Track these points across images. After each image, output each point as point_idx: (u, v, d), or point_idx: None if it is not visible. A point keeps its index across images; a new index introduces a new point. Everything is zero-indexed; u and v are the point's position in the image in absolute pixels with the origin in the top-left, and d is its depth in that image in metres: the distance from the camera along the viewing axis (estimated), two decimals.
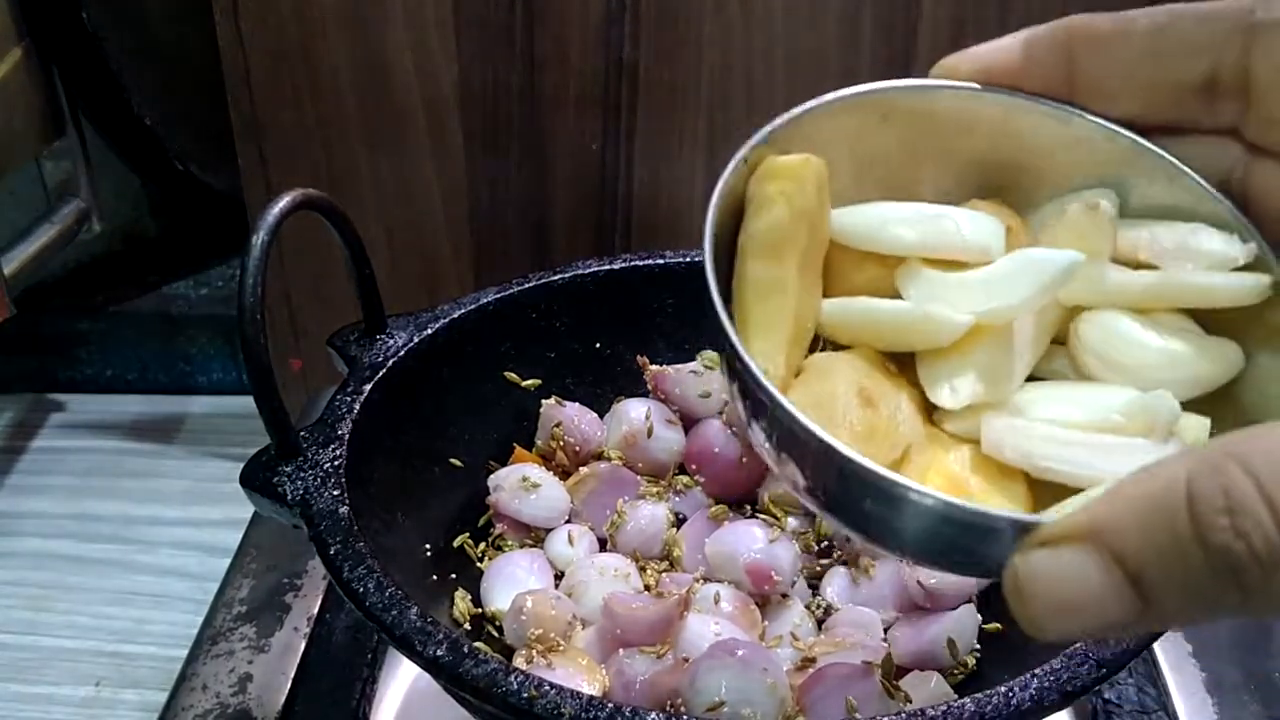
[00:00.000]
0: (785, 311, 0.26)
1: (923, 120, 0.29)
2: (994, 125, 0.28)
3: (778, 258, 0.27)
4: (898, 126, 0.29)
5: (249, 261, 0.40)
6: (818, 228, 0.27)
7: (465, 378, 0.51)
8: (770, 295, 0.26)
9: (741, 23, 0.65)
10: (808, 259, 0.27)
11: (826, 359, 0.27)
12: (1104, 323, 0.26)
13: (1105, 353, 0.26)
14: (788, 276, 0.26)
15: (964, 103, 0.28)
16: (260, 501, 0.42)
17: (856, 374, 0.26)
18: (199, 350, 0.86)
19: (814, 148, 0.28)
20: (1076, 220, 0.27)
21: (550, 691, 0.34)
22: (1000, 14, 0.64)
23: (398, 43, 0.67)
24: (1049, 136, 0.28)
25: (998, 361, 0.26)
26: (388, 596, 0.37)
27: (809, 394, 0.26)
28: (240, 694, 0.51)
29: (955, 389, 0.26)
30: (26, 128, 0.70)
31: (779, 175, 0.27)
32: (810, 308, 0.27)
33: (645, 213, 0.71)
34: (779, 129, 0.28)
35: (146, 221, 0.86)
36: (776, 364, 0.26)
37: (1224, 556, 0.19)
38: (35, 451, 0.80)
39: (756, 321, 0.26)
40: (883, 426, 0.25)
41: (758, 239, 0.27)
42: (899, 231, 0.27)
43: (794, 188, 0.27)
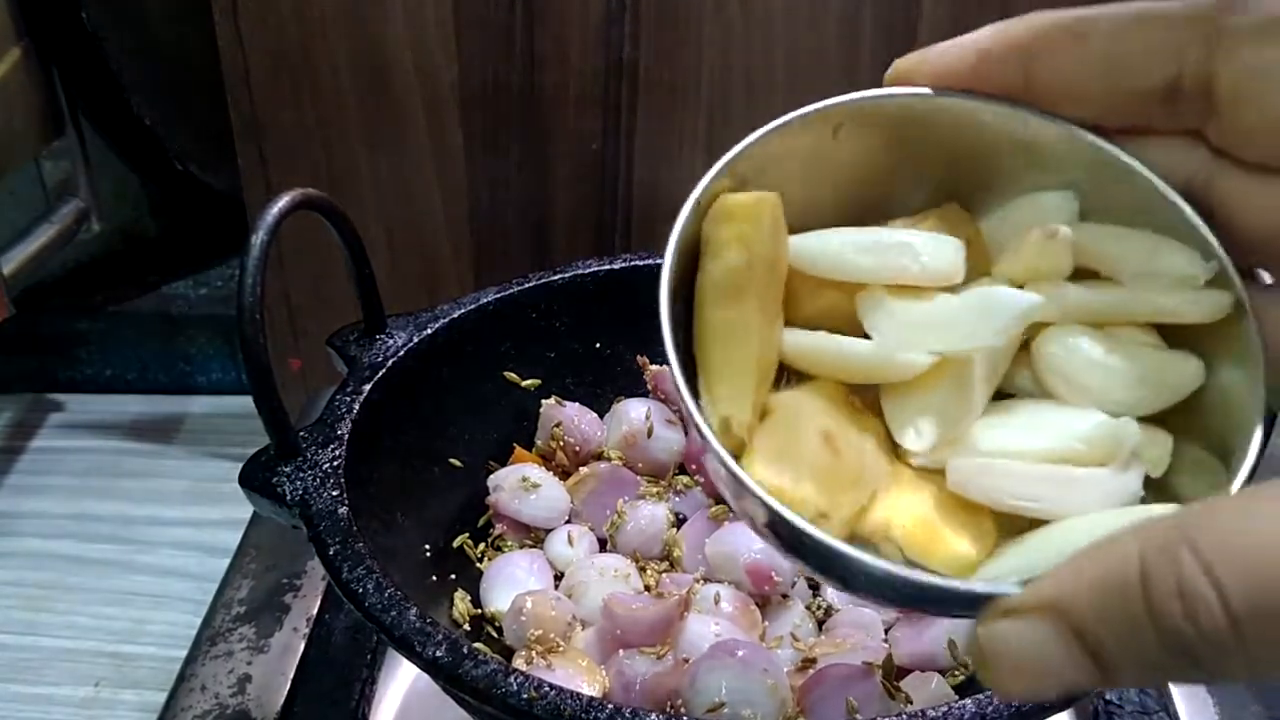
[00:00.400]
0: (748, 355, 0.26)
1: (876, 130, 0.28)
2: (950, 130, 0.28)
3: (737, 301, 0.26)
4: (851, 139, 0.28)
5: (248, 261, 0.40)
6: (776, 264, 0.27)
7: (465, 378, 0.51)
8: (731, 340, 0.26)
9: (741, 23, 0.65)
10: (767, 296, 0.27)
11: (791, 399, 0.27)
12: (1065, 341, 0.26)
13: (1067, 372, 0.26)
14: (749, 319, 0.26)
15: (917, 109, 0.28)
16: (259, 502, 0.42)
17: (821, 416, 0.26)
18: (198, 350, 0.86)
19: (768, 174, 0.28)
20: (1035, 247, 0.27)
21: (550, 692, 0.34)
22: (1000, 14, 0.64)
23: (398, 42, 0.67)
24: (1006, 138, 0.28)
25: (960, 395, 0.26)
26: (387, 597, 0.37)
27: (773, 441, 0.26)
28: (239, 694, 0.51)
29: (920, 432, 0.26)
30: (26, 127, 0.70)
31: (733, 217, 0.27)
32: (772, 343, 0.27)
33: (645, 213, 0.71)
34: (730, 163, 0.27)
35: (146, 221, 0.86)
36: (741, 409, 0.26)
37: (1176, 637, 0.19)
38: (35, 451, 0.80)
39: (719, 367, 0.26)
40: (848, 474, 0.25)
41: (716, 283, 0.26)
42: (857, 260, 0.27)
43: (749, 229, 0.26)
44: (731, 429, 0.25)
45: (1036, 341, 0.26)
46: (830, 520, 0.25)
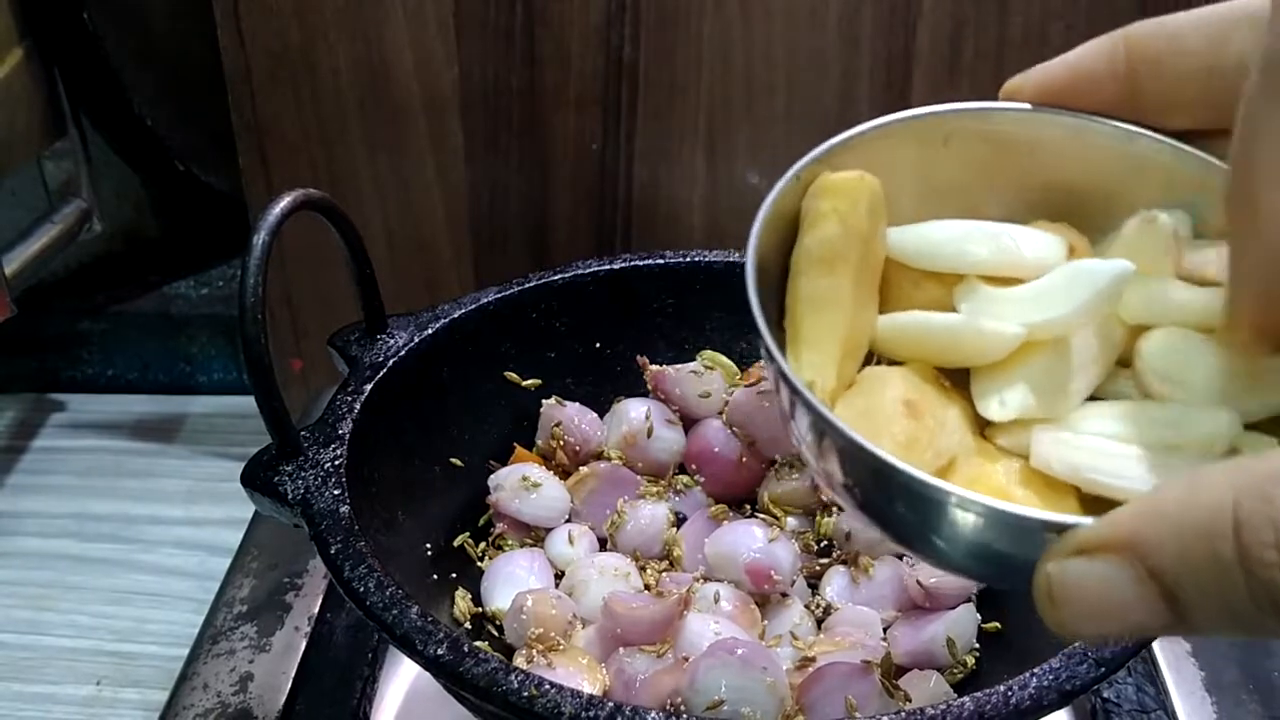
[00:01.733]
0: (837, 324, 0.26)
1: (985, 143, 0.28)
2: (1058, 148, 0.28)
3: (830, 271, 0.27)
4: (959, 149, 0.28)
5: (250, 261, 0.40)
6: (872, 245, 0.27)
7: (466, 378, 0.51)
8: (822, 308, 0.26)
9: (741, 23, 0.65)
10: (862, 275, 0.27)
11: (879, 372, 0.27)
12: (1168, 340, 0.25)
13: (1168, 371, 0.25)
14: (841, 290, 0.26)
15: (1026, 126, 0.28)
16: (261, 501, 0.42)
17: (906, 386, 0.26)
18: (200, 350, 0.86)
19: (872, 169, 0.28)
20: (1134, 236, 0.26)
21: (550, 690, 0.34)
22: (1000, 14, 0.64)
23: (398, 43, 0.67)
24: (1114, 158, 0.28)
25: (1052, 377, 0.25)
26: (388, 596, 0.37)
27: (856, 405, 0.26)
28: (241, 693, 0.51)
29: (1004, 401, 0.25)
30: (28, 128, 0.70)
31: (832, 192, 0.27)
32: (865, 323, 0.27)
33: (645, 213, 0.71)
34: (835, 148, 0.28)
35: (148, 221, 0.86)
36: (826, 375, 0.26)
37: (1268, 589, 0.18)
38: (36, 451, 0.80)
39: (808, 334, 0.26)
40: (925, 437, 0.25)
41: (810, 253, 0.27)
42: (958, 248, 0.27)
43: (847, 204, 0.27)
44: (815, 393, 0.25)
45: (1139, 342, 0.26)
46: None
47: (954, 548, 0.24)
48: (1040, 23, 0.63)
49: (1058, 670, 0.34)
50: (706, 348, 0.55)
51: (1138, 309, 0.26)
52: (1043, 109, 0.28)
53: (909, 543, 0.25)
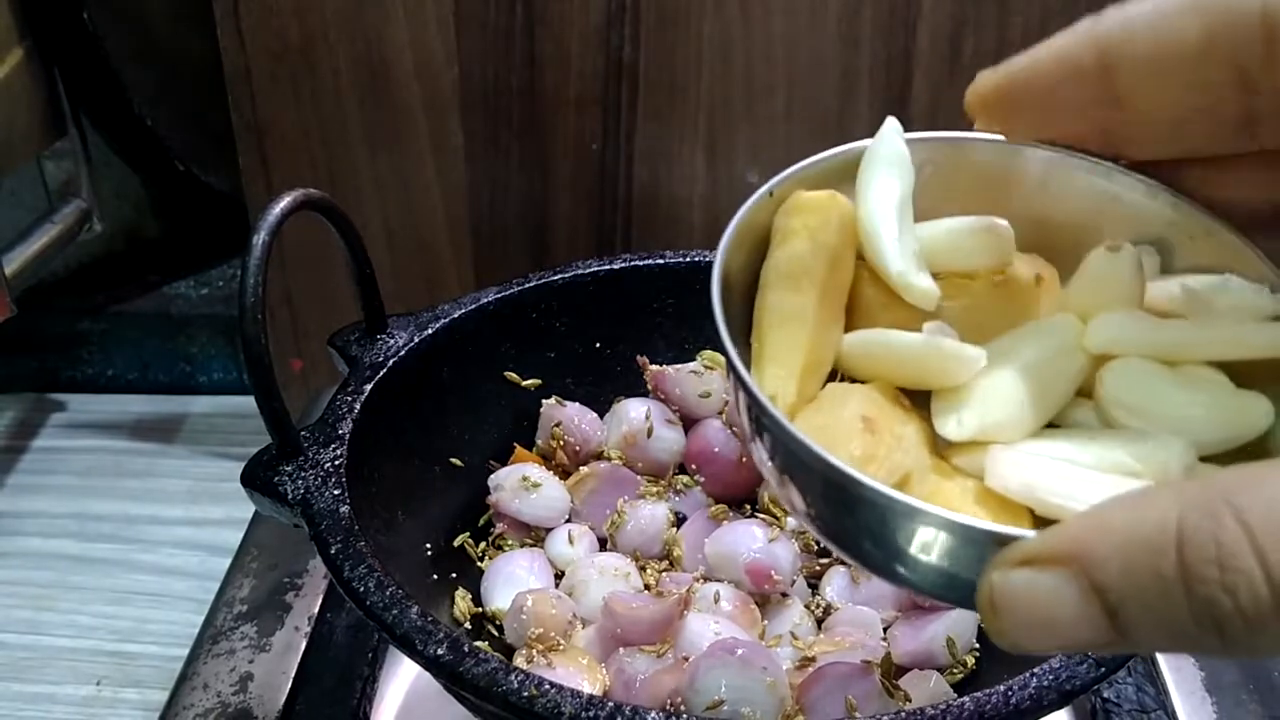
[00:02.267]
0: (800, 340, 0.27)
1: (961, 172, 0.29)
2: (1033, 181, 0.28)
3: (796, 287, 0.27)
4: (935, 177, 0.29)
5: (250, 261, 0.40)
6: (840, 263, 0.28)
7: (466, 378, 0.51)
8: (787, 323, 0.27)
9: (741, 23, 0.65)
10: (828, 293, 0.27)
11: (839, 389, 0.27)
12: (1129, 371, 0.25)
13: (1129, 401, 0.25)
14: (806, 306, 0.27)
15: (1003, 157, 0.28)
16: (261, 501, 0.42)
17: (865, 403, 0.26)
18: (200, 350, 0.86)
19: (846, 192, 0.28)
20: (1099, 266, 0.27)
21: (550, 690, 0.34)
22: (1000, 14, 0.64)
23: (398, 43, 0.67)
24: (1089, 193, 0.28)
25: (1012, 401, 0.26)
26: (388, 596, 0.37)
27: (815, 420, 0.26)
28: (241, 693, 0.51)
29: (962, 421, 0.25)
30: (28, 128, 0.70)
31: (804, 209, 0.27)
32: (829, 341, 0.27)
33: (645, 213, 0.71)
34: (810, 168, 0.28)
35: (148, 221, 0.86)
36: (787, 390, 0.26)
37: (1209, 607, 0.18)
38: (36, 451, 0.80)
39: (772, 348, 0.27)
40: (882, 452, 0.25)
41: (778, 268, 0.27)
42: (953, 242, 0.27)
43: (817, 221, 0.27)
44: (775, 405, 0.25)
45: (1101, 371, 0.26)
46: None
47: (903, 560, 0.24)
48: (1040, 22, 0.64)
49: (1058, 670, 0.34)
50: (706, 348, 0.55)
51: (1101, 339, 0.26)
52: (1020, 142, 0.28)
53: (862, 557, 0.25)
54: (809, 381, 0.27)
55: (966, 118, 0.28)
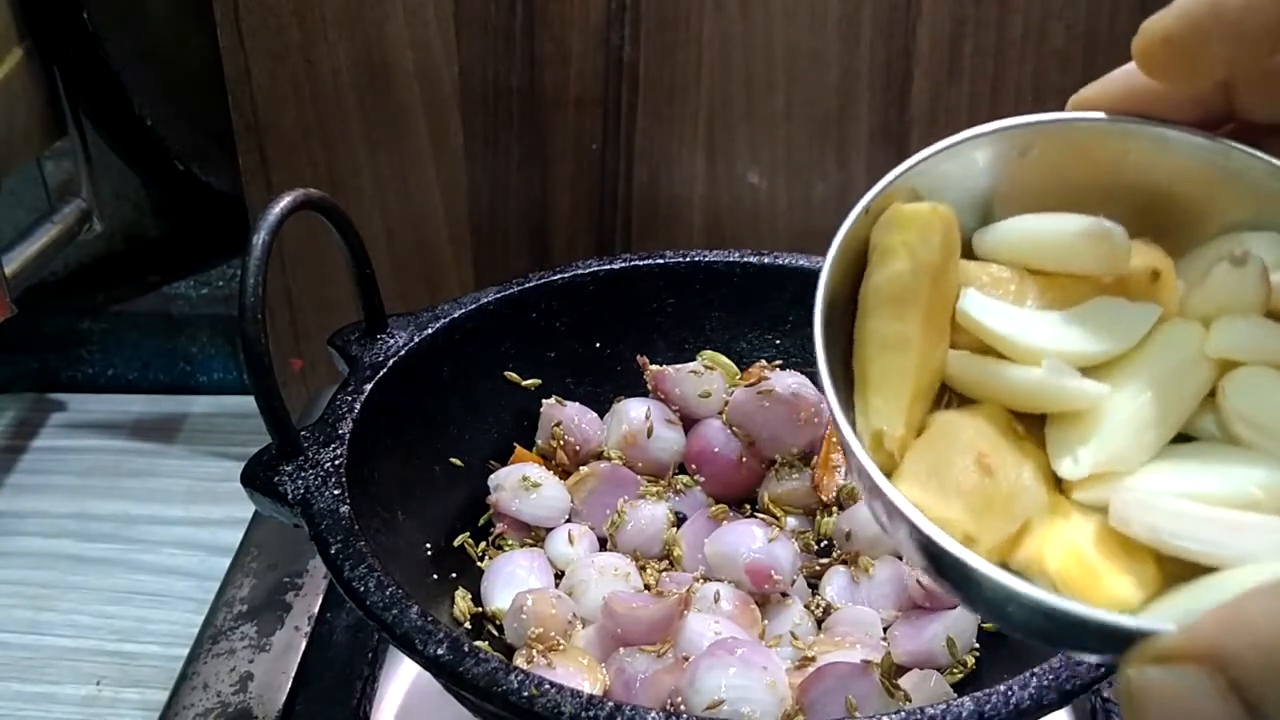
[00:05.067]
0: (907, 368, 0.25)
1: (1066, 155, 0.27)
2: (1145, 160, 0.27)
3: (900, 312, 0.25)
4: (1040, 160, 0.27)
5: (250, 261, 0.40)
6: (943, 280, 0.26)
7: (466, 377, 0.51)
8: (891, 351, 0.25)
9: (741, 22, 0.65)
10: (932, 313, 0.26)
11: (951, 421, 0.25)
12: (1253, 383, 0.24)
13: (1253, 416, 0.24)
14: (910, 331, 0.25)
15: (1111, 137, 0.27)
16: (261, 501, 0.42)
17: (978, 438, 0.24)
18: (200, 350, 0.86)
19: (947, 192, 0.27)
20: (1224, 279, 0.25)
21: (550, 690, 0.34)
22: (1000, 14, 0.64)
23: (398, 43, 0.67)
24: (1205, 172, 0.26)
25: (1131, 426, 0.24)
26: (388, 595, 0.37)
27: (925, 459, 0.24)
28: (241, 693, 0.51)
29: (1077, 459, 0.24)
30: (28, 128, 0.70)
31: (902, 224, 0.26)
32: (935, 361, 0.26)
33: (645, 213, 0.71)
34: (905, 172, 0.26)
35: (148, 221, 0.86)
36: (894, 423, 0.25)
37: None
38: (36, 451, 0.80)
39: (876, 378, 0.25)
40: (1000, 498, 0.24)
41: (879, 291, 0.26)
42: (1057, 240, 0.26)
43: (918, 238, 0.26)
44: (883, 443, 0.24)
45: (1222, 382, 0.25)
46: (978, 545, 0.23)
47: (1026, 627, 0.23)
48: (1040, 22, 0.63)
49: (1058, 670, 0.34)
50: (706, 348, 0.55)
51: (1224, 345, 0.25)
52: (1128, 119, 0.26)
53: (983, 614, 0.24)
54: (917, 409, 0.25)
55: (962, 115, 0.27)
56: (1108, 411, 0.24)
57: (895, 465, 0.24)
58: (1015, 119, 0.27)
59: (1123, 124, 0.26)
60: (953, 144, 0.27)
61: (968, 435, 0.25)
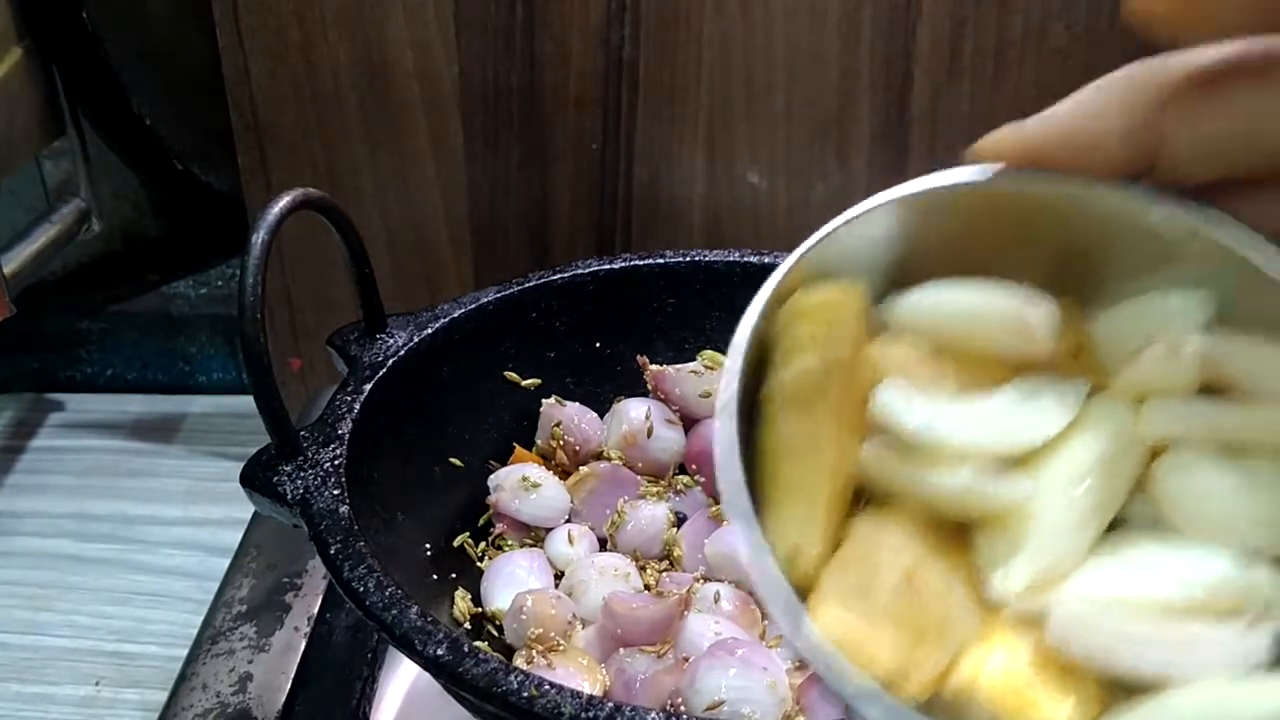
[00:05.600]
0: (820, 474, 0.23)
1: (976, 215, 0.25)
2: (1060, 215, 0.25)
3: (809, 413, 0.23)
4: (948, 223, 0.25)
5: (249, 261, 0.40)
6: (856, 371, 0.24)
7: (465, 377, 0.51)
8: (803, 456, 0.23)
9: (741, 22, 0.65)
10: (845, 408, 0.23)
11: (869, 529, 0.23)
12: (1188, 468, 0.23)
13: (1188, 504, 0.23)
14: (822, 433, 0.23)
15: (1024, 193, 0.24)
16: (260, 501, 0.42)
17: (902, 551, 0.23)
18: (199, 350, 0.86)
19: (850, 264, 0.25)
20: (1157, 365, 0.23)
21: (550, 691, 0.34)
22: (1000, 14, 0.64)
23: (398, 43, 0.67)
24: (1125, 226, 0.24)
25: (1067, 528, 0.23)
26: (388, 596, 0.37)
27: (847, 579, 0.22)
28: (240, 693, 0.51)
29: (1010, 573, 0.22)
30: (27, 127, 0.70)
31: (809, 315, 0.24)
32: (849, 460, 0.24)
33: (645, 213, 0.71)
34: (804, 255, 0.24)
35: (147, 221, 0.86)
36: (812, 537, 0.22)
37: None
38: (35, 451, 0.80)
39: (787, 488, 0.23)
40: (933, 622, 0.22)
41: (786, 392, 0.23)
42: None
43: (826, 331, 0.23)
44: (799, 561, 0.22)
45: (1155, 466, 0.23)
46: (909, 680, 0.21)
47: None
48: (1040, 23, 0.63)
49: None
50: (706, 348, 0.55)
51: (1158, 428, 0.23)
52: (1044, 175, 0.24)
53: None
54: (833, 518, 0.23)
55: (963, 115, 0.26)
56: (1039, 512, 0.23)
57: (812, 584, 0.22)
58: (921, 182, 0.25)
59: (1038, 180, 0.24)
60: (857, 215, 0.24)
61: (891, 548, 0.23)
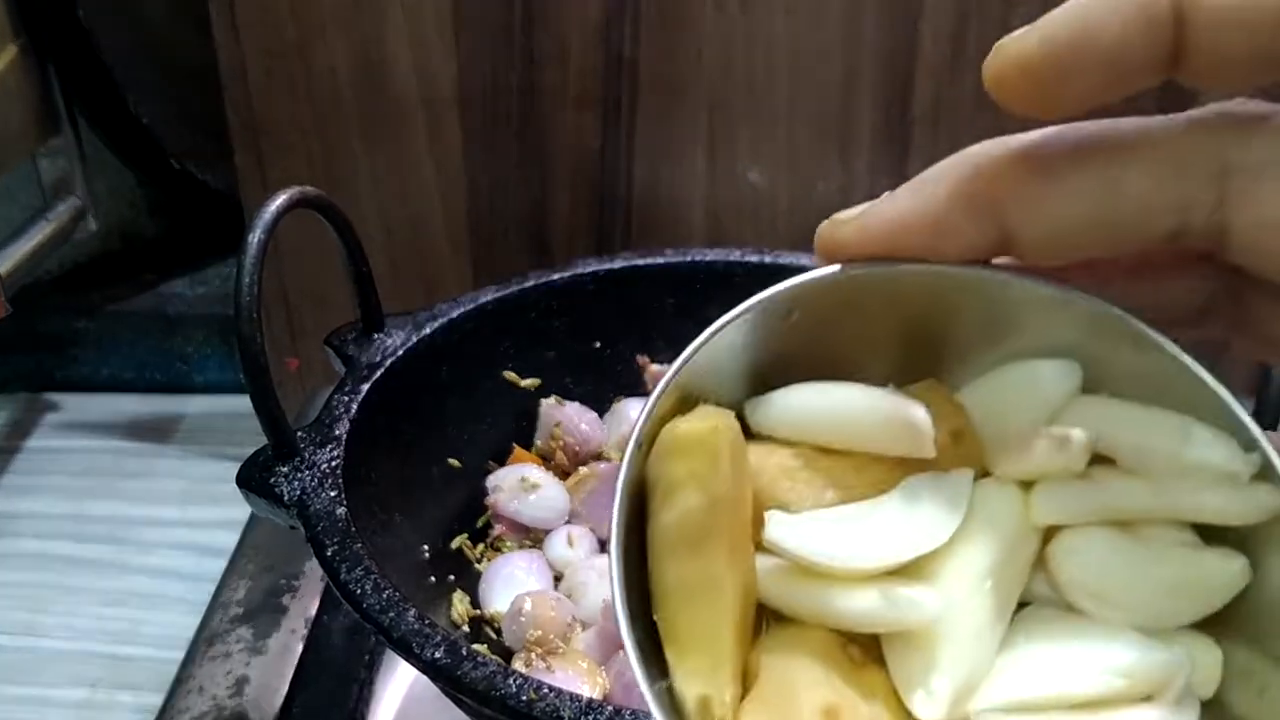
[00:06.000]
0: (721, 614, 0.21)
1: (832, 310, 0.24)
2: (920, 297, 0.24)
3: (700, 552, 0.21)
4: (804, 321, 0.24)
5: (245, 260, 0.40)
6: (741, 500, 0.22)
7: (464, 377, 0.51)
8: (700, 599, 0.21)
9: (742, 20, 0.65)
10: (735, 537, 0.22)
11: (780, 664, 0.22)
12: (1084, 547, 0.23)
13: (1089, 584, 0.22)
14: (717, 571, 0.21)
15: (878, 284, 0.24)
16: (257, 502, 0.42)
17: (819, 683, 0.21)
18: (196, 349, 0.86)
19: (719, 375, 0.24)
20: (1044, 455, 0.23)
21: (550, 694, 0.33)
22: (1004, 9, 0.63)
23: (396, 41, 0.67)
24: (988, 300, 0.24)
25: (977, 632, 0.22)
26: (385, 598, 0.37)
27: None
28: (237, 696, 0.51)
29: (932, 692, 0.21)
30: (22, 125, 0.69)
31: (685, 452, 0.22)
32: (747, 590, 0.22)
33: (645, 212, 0.71)
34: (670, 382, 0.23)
35: (143, 220, 0.86)
36: (721, 685, 0.21)
37: None
38: (31, 451, 0.80)
39: (689, 635, 0.21)
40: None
41: (672, 534, 0.22)
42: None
43: (706, 466, 0.22)
44: (711, 710, 0.21)
45: (1050, 549, 0.23)
46: None
47: None
48: None
49: None
50: None
51: (1050, 514, 0.23)
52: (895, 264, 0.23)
53: None
54: (740, 653, 0.22)
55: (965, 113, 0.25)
56: (948, 622, 0.22)
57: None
58: (774, 288, 0.24)
59: (890, 269, 0.23)
60: (714, 331, 0.24)
61: (806, 684, 0.21)
